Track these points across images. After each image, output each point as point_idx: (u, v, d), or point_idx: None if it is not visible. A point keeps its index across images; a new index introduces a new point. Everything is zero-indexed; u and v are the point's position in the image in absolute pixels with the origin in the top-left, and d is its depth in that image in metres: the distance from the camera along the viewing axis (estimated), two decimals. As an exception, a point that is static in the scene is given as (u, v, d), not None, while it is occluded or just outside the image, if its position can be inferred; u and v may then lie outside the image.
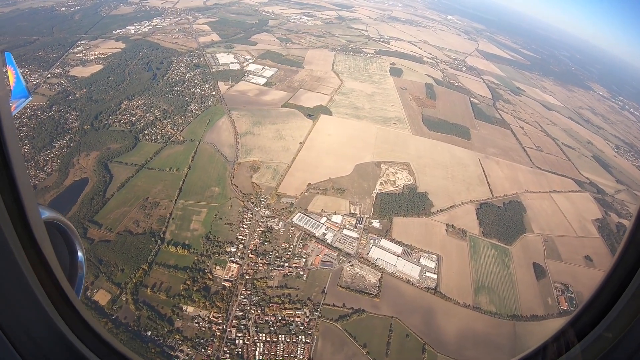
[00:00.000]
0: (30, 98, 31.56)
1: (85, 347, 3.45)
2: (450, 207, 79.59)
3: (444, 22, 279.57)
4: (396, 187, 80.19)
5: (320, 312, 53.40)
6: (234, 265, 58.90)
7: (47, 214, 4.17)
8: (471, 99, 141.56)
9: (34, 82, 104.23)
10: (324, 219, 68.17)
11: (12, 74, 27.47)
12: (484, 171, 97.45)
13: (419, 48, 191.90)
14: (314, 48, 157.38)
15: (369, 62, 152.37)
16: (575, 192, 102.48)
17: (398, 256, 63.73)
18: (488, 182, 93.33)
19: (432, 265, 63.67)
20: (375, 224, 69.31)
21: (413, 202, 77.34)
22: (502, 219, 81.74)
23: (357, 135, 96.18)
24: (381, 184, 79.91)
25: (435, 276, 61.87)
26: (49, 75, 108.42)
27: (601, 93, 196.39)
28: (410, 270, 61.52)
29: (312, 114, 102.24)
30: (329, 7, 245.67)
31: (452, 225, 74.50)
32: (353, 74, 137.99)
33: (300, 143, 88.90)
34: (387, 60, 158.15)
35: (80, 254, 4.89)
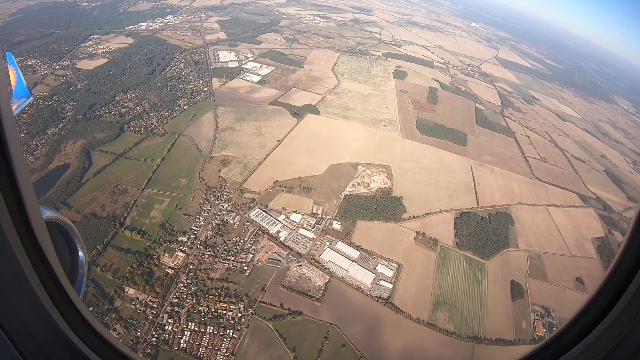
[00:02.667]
0: (32, 98, 32.16)
1: (86, 347, 3.44)
2: (426, 214, 75.37)
3: (466, 28, 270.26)
4: (369, 189, 76.98)
5: (254, 309, 51.92)
6: (182, 254, 59.35)
7: (48, 213, 4.18)
8: (477, 105, 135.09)
9: (42, 73, 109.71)
10: (282, 217, 66.39)
11: (14, 74, 27.78)
12: (473, 179, 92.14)
13: (432, 52, 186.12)
14: (319, 49, 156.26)
15: (373, 64, 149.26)
16: (578, 208, 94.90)
17: (353, 261, 60.65)
18: (476, 191, 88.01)
19: (389, 273, 60.04)
20: (336, 225, 66.59)
21: (384, 206, 73.86)
22: (484, 231, 76.46)
23: (339, 136, 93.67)
24: (353, 185, 76.99)
25: (390, 286, 58.21)
26: (57, 67, 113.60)
27: (625, 107, 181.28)
28: (362, 276, 58.28)
29: (298, 112, 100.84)
30: (346, 10, 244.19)
31: (423, 233, 70.35)
32: (353, 75, 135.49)
33: (278, 140, 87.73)
34: (393, 63, 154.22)
35: (81, 253, 4.90)
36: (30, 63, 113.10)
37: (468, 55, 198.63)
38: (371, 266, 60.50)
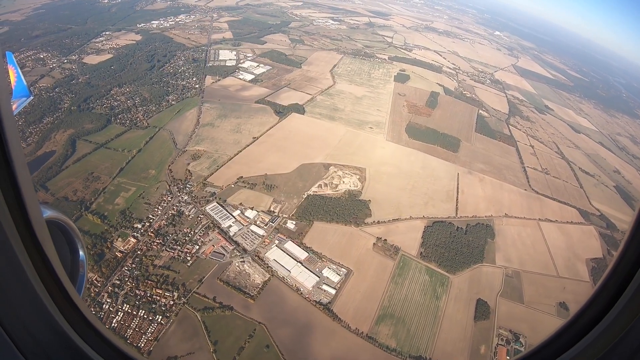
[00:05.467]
0: (31, 97, 33.06)
1: (87, 346, 3.47)
2: (392, 220, 71.88)
3: (488, 37, 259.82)
4: (336, 191, 74.63)
5: (187, 299, 51.77)
6: (133, 239, 60.62)
7: (48, 212, 4.24)
8: (480, 111, 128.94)
9: (51, 66, 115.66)
10: (237, 212, 65.61)
11: (14, 74, 28.99)
12: (457, 186, 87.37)
13: (444, 58, 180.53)
14: (323, 50, 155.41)
15: (375, 67, 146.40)
16: (576, 224, 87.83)
17: (299, 262, 58.57)
18: (457, 199, 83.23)
19: (335, 278, 57.37)
20: (290, 225, 64.81)
21: (347, 208, 71.21)
22: (456, 243, 71.77)
23: (319, 135, 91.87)
24: (319, 186, 74.93)
25: (333, 291, 55.52)
26: (65, 61, 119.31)
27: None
28: (305, 279, 56.09)
29: (282, 111, 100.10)
30: (363, 14, 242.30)
31: (385, 240, 66.92)
32: (351, 77, 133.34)
33: (254, 138, 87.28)
34: (397, 67, 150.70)
35: (81, 252, 4.95)
36: (41, 56, 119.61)
37: (483, 62, 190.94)
38: (317, 269, 58.17)
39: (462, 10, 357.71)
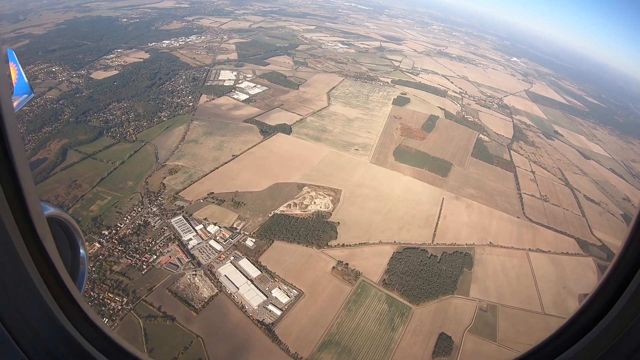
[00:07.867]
0: (33, 94, 33.29)
1: (87, 342, 3.57)
2: (359, 244, 69.20)
3: (504, 62, 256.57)
4: (305, 211, 73.23)
5: (134, 306, 52.12)
6: (98, 245, 61.83)
7: (49, 209, 4.34)
8: (481, 135, 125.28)
9: (60, 80, 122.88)
10: (199, 227, 65.55)
11: (15, 71, 29.75)
12: (440, 212, 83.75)
13: (451, 82, 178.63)
14: (325, 73, 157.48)
15: (375, 90, 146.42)
16: (573, 256, 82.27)
17: (249, 280, 57.17)
18: (437, 225, 79.60)
19: (283, 300, 55.36)
20: (249, 242, 63.81)
21: (313, 230, 69.40)
22: (426, 271, 67.83)
23: (300, 155, 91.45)
24: (289, 205, 73.85)
25: (279, 312, 53.47)
26: (74, 75, 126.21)
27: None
28: (252, 297, 54.51)
29: (268, 131, 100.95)
30: (375, 39, 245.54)
31: (346, 264, 64.21)
32: (348, 99, 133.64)
33: (234, 155, 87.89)
34: (399, 90, 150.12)
35: (82, 249, 5.06)
36: (53, 70, 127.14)
37: (494, 87, 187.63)
38: (267, 288, 56.42)
39: (481, 37, 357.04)
